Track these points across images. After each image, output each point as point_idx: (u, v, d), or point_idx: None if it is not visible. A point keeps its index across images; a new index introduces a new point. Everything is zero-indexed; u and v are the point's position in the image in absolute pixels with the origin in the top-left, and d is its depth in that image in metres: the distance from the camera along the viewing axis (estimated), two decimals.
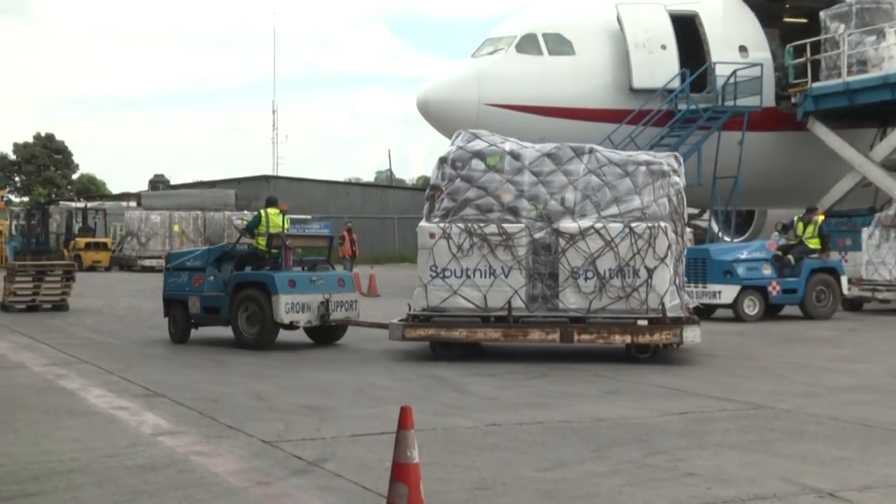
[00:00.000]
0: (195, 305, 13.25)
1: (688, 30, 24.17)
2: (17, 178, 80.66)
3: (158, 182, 58.35)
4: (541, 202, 11.62)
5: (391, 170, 77.20)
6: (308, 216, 47.23)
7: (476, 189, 11.78)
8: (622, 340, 11.27)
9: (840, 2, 24.56)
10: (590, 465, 6.30)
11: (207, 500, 5.50)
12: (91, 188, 75.74)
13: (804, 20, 25.98)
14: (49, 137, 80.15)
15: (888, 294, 18.81)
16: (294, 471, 6.14)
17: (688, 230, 24.74)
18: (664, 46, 23.55)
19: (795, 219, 18.56)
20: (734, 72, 23.57)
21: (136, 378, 10.04)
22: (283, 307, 12.42)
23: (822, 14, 24.42)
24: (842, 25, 23.84)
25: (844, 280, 17.96)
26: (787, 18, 26.42)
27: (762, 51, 24.88)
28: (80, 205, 46.07)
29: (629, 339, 11.23)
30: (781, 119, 24.86)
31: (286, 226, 13.77)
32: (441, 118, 22.73)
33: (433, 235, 11.52)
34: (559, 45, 23.43)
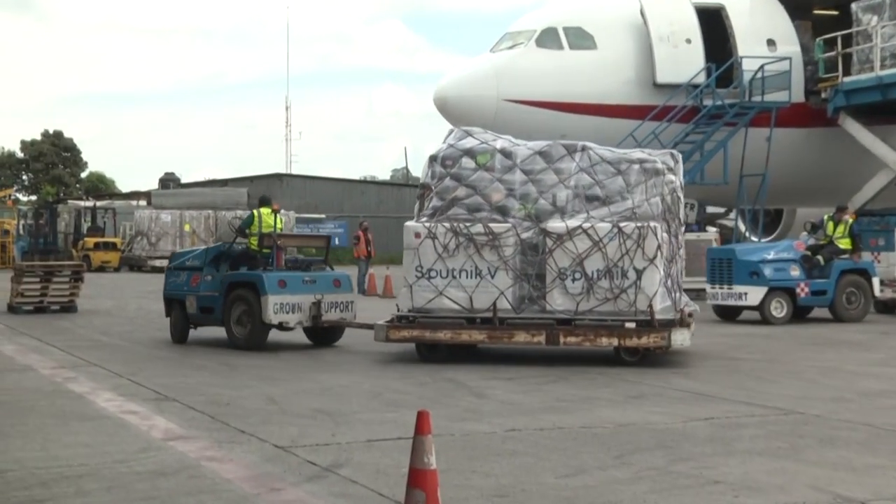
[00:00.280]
0: (192, 305, 13.26)
1: (714, 23, 23.77)
2: (25, 177, 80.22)
3: (169, 180, 58.45)
4: (531, 201, 11.46)
5: (407, 168, 75.51)
6: (322, 215, 47.22)
7: (465, 188, 11.65)
8: (609, 343, 11.09)
9: None
10: (612, 472, 6.18)
11: None
12: (100, 187, 75.36)
13: (835, 12, 25.48)
14: (57, 135, 79.22)
15: None
16: (308, 477, 6.05)
17: (714, 230, 24.79)
18: (689, 40, 23.18)
19: (825, 218, 18.23)
20: (762, 66, 23.16)
21: (146, 381, 9.97)
22: (272, 308, 12.35)
23: (854, 6, 23.91)
24: (874, 17, 23.34)
25: (876, 282, 17.59)
26: (818, 11, 25.90)
27: (791, 44, 24.43)
28: (89, 204, 46.19)
29: (616, 342, 11.04)
30: (811, 115, 24.42)
31: (280, 225, 13.75)
32: (459, 115, 22.43)
33: (418, 235, 11.41)
34: (580, 40, 23.08)
